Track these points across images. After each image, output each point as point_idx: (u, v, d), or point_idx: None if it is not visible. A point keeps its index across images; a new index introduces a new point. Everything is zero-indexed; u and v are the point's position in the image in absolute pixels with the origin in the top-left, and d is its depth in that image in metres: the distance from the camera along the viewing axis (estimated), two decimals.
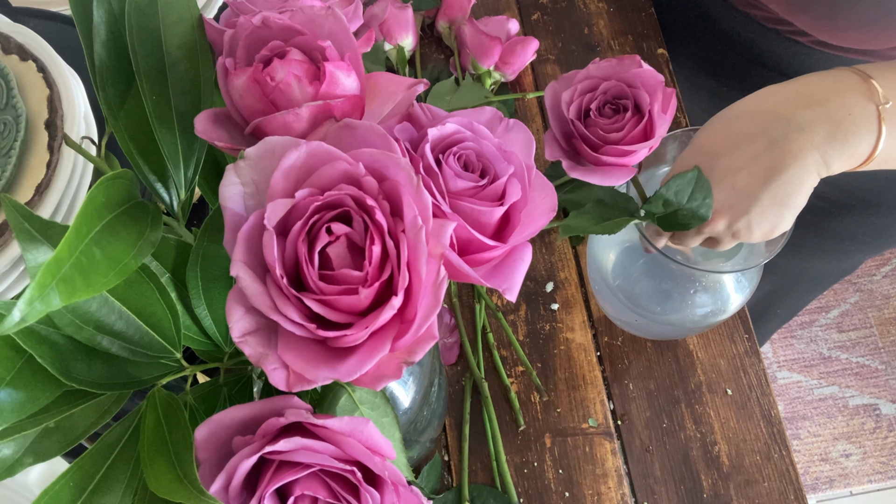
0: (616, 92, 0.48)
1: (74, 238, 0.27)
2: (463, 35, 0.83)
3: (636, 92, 0.47)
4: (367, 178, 0.29)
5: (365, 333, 0.28)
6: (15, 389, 0.31)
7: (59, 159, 0.44)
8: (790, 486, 0.65)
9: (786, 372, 1.66)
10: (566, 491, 0.66)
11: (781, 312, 1.07)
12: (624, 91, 0.47)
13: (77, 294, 0.26)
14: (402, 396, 0.53)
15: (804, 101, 0.48)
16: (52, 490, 0.31)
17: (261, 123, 0.32)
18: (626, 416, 0.69)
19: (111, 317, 0.33)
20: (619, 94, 0.48)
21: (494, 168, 0.34)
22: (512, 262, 0.34)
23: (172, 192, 0.37)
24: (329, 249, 0.29)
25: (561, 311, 0.73)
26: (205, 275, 0.36)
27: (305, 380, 0.27)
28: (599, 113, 0.48)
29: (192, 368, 0.36)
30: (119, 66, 0.35)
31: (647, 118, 0.46)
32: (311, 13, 0.33)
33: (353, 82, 0.33)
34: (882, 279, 1.74)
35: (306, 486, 0.30)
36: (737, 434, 0.67)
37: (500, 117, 0.37)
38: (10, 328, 0.24)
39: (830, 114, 0.47)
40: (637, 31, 0.88)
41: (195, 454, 0.30)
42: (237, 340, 0.28)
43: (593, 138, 0.47)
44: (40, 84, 0.46)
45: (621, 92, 0.48)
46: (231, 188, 0.29)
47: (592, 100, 0.48)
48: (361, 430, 0.30)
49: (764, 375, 0.70)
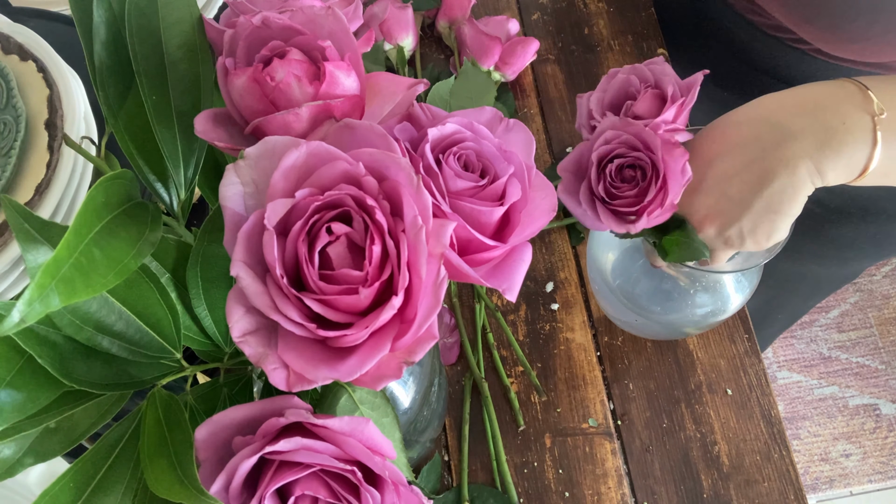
0: (633, 159, 0.48)
1: (74, 238, 0.27)
2: (463, 35, 0.83)
3: (652, 156, 0.47)
4: (368, 178, 0.29)
5: (365, 333, 0.28)
6: (15, 390, 0.31)
7: (59, 159, 0.44)
8: (790, 486, 0.65)
9: (786, 372, 1.66)
10: (566, 491, 0.66)
11: (782, 318, 1.06)
12: (644, 162, 0.47)
13: (77, 294, 0.26)
14: (402, 396, 0.53)
15: (799, 110, 0.48)
16: (53, 490, 0.31)
17: (261, 123, 0.32)
18: (626, 416, 0.69)
19: (111, 317, 0.33)
20: (636, 160, 0.47)
21: (494, 168, 0.34)
22: (512, 262, 0.34)
23: (172, 192, 0.37)
24: (329, 249, 0.29)
25: (561, 311, 0.73)
26: (205, 275, 0.36)
27: (305, 380, 0.27)
28: (618, 172, 0.47)
29: (193, 369, 0.36)
30: (119, 66, 0.35)
31: (661, 184, 0.46)
32: (311, 13, 0.33)
33: (353, 82, 0.33)
34: (882, 279, 1.74)
35: (307, 486, 0.30)
36: (737, 434, 0.67)
37: (500, 117, 0.37)
38: (9, 329, 0.24)
39: (824, 122, 0.46)
40: (637, 31, 0.88)
41: (195, 454, 0.30)
42: (237, 340, 0.28)
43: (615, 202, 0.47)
44: (40, 84, 0.46)
45: (639, 159, 0.47)
46: (231, 188, 0.29)
47: (611, 160, 0.48)
48: (362, 429, 0.30)
49: (764, 375, 0.70)
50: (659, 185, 0.46)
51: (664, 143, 0.46)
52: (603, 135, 0.47)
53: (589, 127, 0.50)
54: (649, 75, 0.49)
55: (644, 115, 0.48)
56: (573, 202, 0.48)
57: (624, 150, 0.47)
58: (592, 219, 0.48)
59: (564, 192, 0.49)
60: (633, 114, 0.48)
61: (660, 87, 0.48)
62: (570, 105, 0.85)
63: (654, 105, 0.48)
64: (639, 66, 0.49)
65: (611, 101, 0.50)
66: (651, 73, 0.49)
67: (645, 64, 0.49)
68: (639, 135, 0.46)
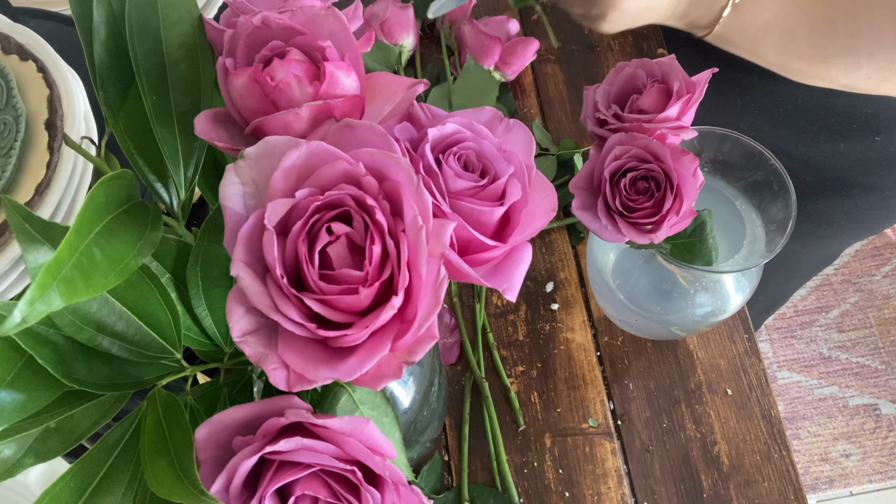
0: (647, 170, 0.48)
1: (75, 238, 0.27)
2: (463, 35, 0.83)
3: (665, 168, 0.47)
4: (368, 178, 0.29)
5: (365, 333, 0.28)
6: (15, 390, 0.31)
7: (59, 159, 0.44)
8: (790, 486, 0.65)
9: (786, 372, 1.66)
10: (566, 491, 0.66)
11: (763, 300, 1.07)
12: (656, 172, 0.47)
13: (78, 294, 0.26)
14: (402, 396, 0.53)
15: None
16: (53, 491, 0.31)
17: (261, 123, 0.32)
18: (626, 416, 0.69)
19: (111, 317, 0.33)
20: (649, 172, 0.48)
21: (494, 168, 0.34)
22: (512, 262, 0.34)
23: (172, 192, 0.37)
24: (329, 249, 0.29)
25: (561, 311, 0.73)
26: (205, 275, 0.36)
27: (305, 379, 0.27)
28: (631, 185, 0.47)
29: (193, 369, 0.36)
30: (119, 66, 0.35)
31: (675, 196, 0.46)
32: (311, 13, 0.33)
33: (353, 82, 0.33)
34: (882, 279, 1.74)
35: (307, 486, 0.30)
36: (737, 434, 0.67)
37: (500, 117, 0.37)
38: (11, 329, 0.24)
39: None
40: (637, 30, 0.88)
41: (195, 454, 0.30)
42: (237, 340, 0.28)
43: (628, 212, 0.47)
44: (40, 84, 0.46)
45: (653, 171, 0.47)
46: (231, 188, 0.29)
47: (625, 172, 0.48)
48: (362, 429, 0.30)
49: (764, 375, 0.70)
50: (674, 193, 0.46)
51: (672, 151, 0.46)
52: (612, 151, 0.47)
53: (594, 119, 0.50)
54: (657, 70, 0.49)
55: (649, 110, 0.48)
56: (590, 217, 0.48)
57: (635, 163, 0.47)
58: (613, 232, 0.48)
59: (580, 208, 0.49)
60: (637, 108, 0.48)
61: (666, 82, 0.48)
62: (570, 105, 0.85)
63: (659, 100, 0.48)
64: (647, 60, 0.49)
65: (617, 94, 0.50)
66: (659, 67, 0.49)
67: (655, 60, 0.49)
68: (647, 147, 0.47)
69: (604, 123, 0.49)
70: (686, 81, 0.48)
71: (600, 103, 0.49)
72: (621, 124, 0.48)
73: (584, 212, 0.49)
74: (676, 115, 0.47)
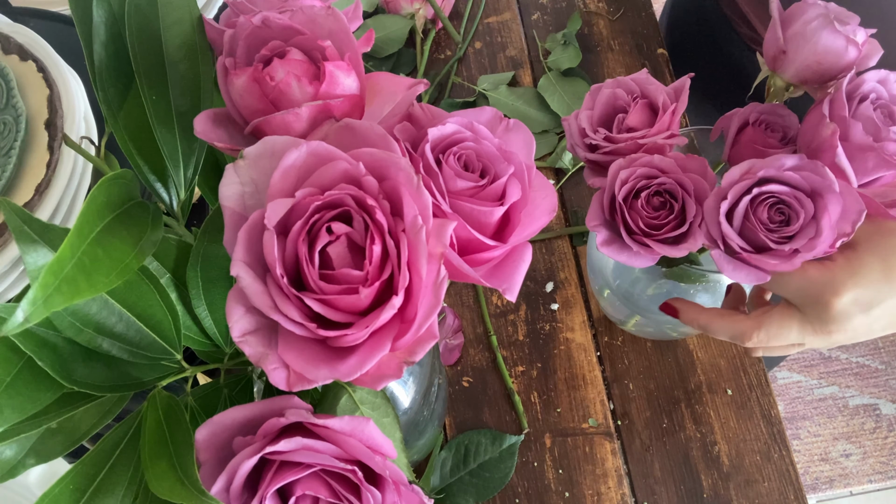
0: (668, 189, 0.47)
1: (76, 238, 0.27)
2: None
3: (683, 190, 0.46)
4: (368, 178, 0.29)
5: (365, 333, 0.28)
6: (16, 391, 0.31)
7: (59, 159, 0.44)
8: (790, 486, 0.65)
9: (786, 372, 1.66)
10: (566, 491, 0.66)
11: None
12: (668, 184, 0.47)
13: (80, 294, 0.26)
14: (402, 396, 0.53)
15: None
16: (54, 491, 0.31)
17: (261, 123, 0.32)
18: (626, 416, 0.69)
19: (111, 319, 0.33)
20: (670, 190, 0.47)
21: (494, 168, 0.34)
22: (512, 262, 0.34)
23: (172, 192, 0.37)
24: (329, 249, 0.29)
25: (561, 311, 0.73)
26: (205, 275, 0.36)
27: (306, 379, 0.27)
28: (648, 204, 0.47)
29: (193, 369, 0.36)
30: (119, 66, 0.35)
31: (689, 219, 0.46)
32: (311, 13, 0.33)
33: (352, 82, 0.33)
34: None
35: (307, 486, 0.30)
36: (737, 434, 0.67)
37: (500, 117, 0.37)
38: (13, 329, 0.24)
39: None
40: (637, 31, 0.88)
41: (196, 455, 0.30)
42: (237, 340, 0.28)
43: (639, 229, 0.46)
44: (40, 84, 0.46)
45: (672, 190, 0.47)
46: (231, 188, 0.29)
47: (643, 187, 0.47)
48: (362, 429, 0.30)
49: (764, 375, 0.70)
50: (693, 197, 0.46)
51: (676, 159, 0.45)
52: (617, 177, 0.47)
53: (583, 145, 0.49)
54: (635, 87, 0.49)
55: (638, 127, 0.48)
56: (618, 249, 0.47)
57: (644, 181, 0.47)
58: (647, 256, 0.46)
59: (605, 244, 0.47)
60: (626, 127, 0.48)
61: (647, 96, 0.48)
62: None
63: (646, 116, 0.48)
64: (622, 79, 0.49)
65: (600, 117, 0.49)
66: (637, 84, 0.49)
67: (628, 77, 0.49)
68: (650, 163, 0.46)
69: (595, 148, 0.49)
70: (667, 92, 0.48)
71: (587, 129, 0.49)
72: (615, 146, 0.47)
73: (611, 246, 0.47)
74: (668, 126, 0.47)
